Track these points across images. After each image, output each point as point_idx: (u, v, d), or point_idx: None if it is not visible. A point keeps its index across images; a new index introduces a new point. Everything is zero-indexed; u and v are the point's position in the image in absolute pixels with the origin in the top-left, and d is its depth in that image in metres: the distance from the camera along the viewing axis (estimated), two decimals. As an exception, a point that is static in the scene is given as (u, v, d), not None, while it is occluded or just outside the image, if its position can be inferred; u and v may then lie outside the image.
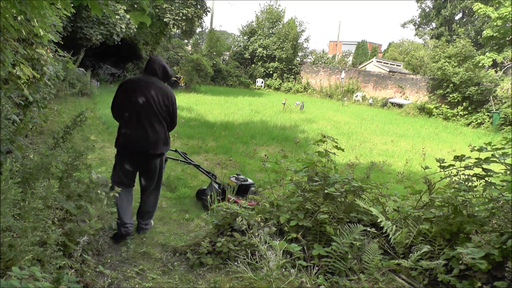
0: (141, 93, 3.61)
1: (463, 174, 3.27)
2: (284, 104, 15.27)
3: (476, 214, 3.03)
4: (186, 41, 27.30)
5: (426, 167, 3.54)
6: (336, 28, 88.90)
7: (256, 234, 3.20)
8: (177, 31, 22.17)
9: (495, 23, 18.35)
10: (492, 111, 16.73)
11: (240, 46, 27.59)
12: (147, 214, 3.95)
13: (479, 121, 17.13)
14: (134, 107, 3.60)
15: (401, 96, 21.63)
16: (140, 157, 3.71)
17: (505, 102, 16.35)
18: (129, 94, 3.63)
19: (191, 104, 13.93)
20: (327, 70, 25.27)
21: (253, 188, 4.72)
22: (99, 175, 3.40)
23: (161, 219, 4.27)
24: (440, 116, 18.53)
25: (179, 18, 18.37)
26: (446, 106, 18.57)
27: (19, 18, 3.52)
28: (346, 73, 24.08)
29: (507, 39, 18.97)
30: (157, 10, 17.58)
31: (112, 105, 3.76)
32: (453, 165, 3.30)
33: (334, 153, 3.68)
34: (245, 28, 27.30)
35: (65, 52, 6.38)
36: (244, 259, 2.91)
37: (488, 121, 16.79)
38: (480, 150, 3.20)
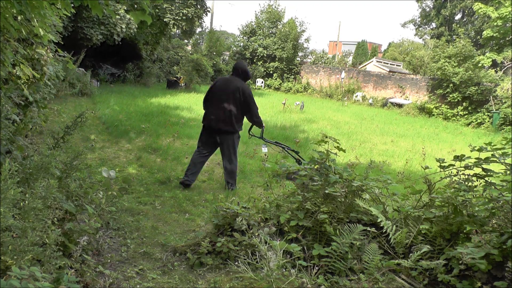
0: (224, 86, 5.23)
1: (463, 174, 3.27)
2: (284, 104, 15.27)
3: (476, 214, 3.03)
4: (186, 41, 27.29)
5: (426, 167, 3.54)
6: (336, 28, 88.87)
7: (256, 234, 3.20)
8: (177, 31, 22.17)
9: (495, 23, 18.34)
10: (492, 111, 16.73)
11: (240, 46, 27.56)
12: (226, 176, 5.37)
13: (479, 121, 17.13)
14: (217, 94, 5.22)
15: (401, 96, 21.63)
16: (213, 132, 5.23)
17: (505, 102, 16.35)
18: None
19: (191, 104, 13.91)
20: (327, 70, 25.26)
21: None
22: (111, 172, 3.43)
23: (161, 219, 4.27)
24: (440, 116, 18.52)
25: (179, 18, 18.36)
26: (446, 106, 18.56)
27: (19, 18, 3.52)
28: (346, 73, 24.07)
29: (507, 39, 18.97)
30: (157, 10, 17.58)
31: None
32: (453, 165, 3.30)
33: (335, 154, 3.68)
34: (245, 28, 27.30)
35: (65, 52, 6.37)
36: (244, 259, 2.91)
37: (488, 121, 16.79)
38: (480, 150, 3.20)
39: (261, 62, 26.38)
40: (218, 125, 5.12)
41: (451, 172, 3.35)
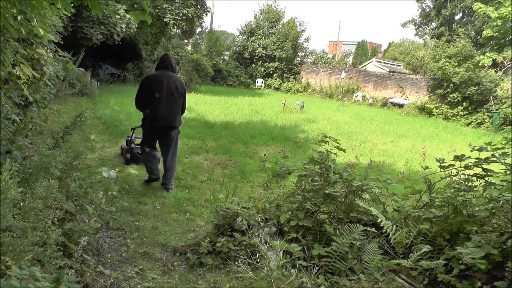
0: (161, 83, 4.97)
1: (463, 174, 3.27)
2: (284, 104, 15.27)
3: (476, 214, 3.04)
4: (186, 41, 27.29)
5: (426, 167, 3.54)
6: (336, 28, 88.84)
7: (256, 234, 3.20)
8: (177, 31, 22.17)
9: (495, 23, 18.35)
10: (492, 111, 16.73)
11: (240, 46, 27.58)
12: (170, 171, 5.17)
13: (479, 121, 17.13)
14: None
15: (401, 96, 21.63)
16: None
17: (505, 102, 16.35)
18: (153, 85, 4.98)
19: (191, 104, 13.92)
20: (327, 70, 25.26)
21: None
22: (111, 172, 3.44)
23: (161, 219, 4.27)
24: (440, 116, 18.53)
25: (179, 18, 18.37)
26: (446, 106, 18.57)
27: (19, 18, 3.52)
28: (346, 73, 24.07)
29: (507, 39, 18.97)
30: (157, 10, 17.58)
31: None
32: (453, 165, 3.30)
33: (335, 154, 3.68)
34: (244, 28, 27.30)
35: (65, 52, 6.37)
36: (244, 259, 2.91)
37: (488, 121, 16.79)
38: (480, 150, 3.20)
39: (260, 62, 26.38)
40: (171, 123, 5.03)
41: (451, 172, 3.35)
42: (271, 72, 26.20)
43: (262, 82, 26.02)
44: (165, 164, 5.17)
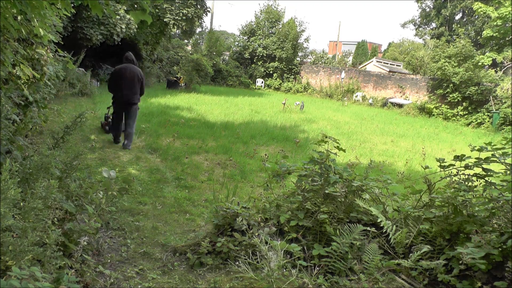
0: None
1: (463, 174, 3.27)
2: (284, 104, 15.27)
3: (476, 214, 3.04)
4: (186, 41, 27.30)
5: (426, 167, 3.55)
6: (336, 28, 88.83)
7: (256, 234, 3.20)
8: (177, 31, 22.18)
9: (495, 23, 18.36)
10: (492, 111, 16.73)
11: (240, 46, 27.57)
12: (129, 136, 7.18)
13: (479, 121, 17.14)
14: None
15: (401, 96, 21.63)
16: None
17: (505, 102, 16.36)
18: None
19: (191, 104, 13.93)
20: (327, 70, 25.26)
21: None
22: (111, 172, 3.45)
23: (161, 219, 4.27)
24: (440, 116, 18.53)
25: (179, 18, 18.37)
26: (446, 106, 18.57)
27: (19, 18, 3.52)
28: (346, 73, 24.07)
29: (507, 39, 18.98)
30: (157, 10, 17.58)
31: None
32: (453, 165, 3.30)
33: (335, 154, 3.68)
34: (244, 28, 27.31)
35: (65, 52, 6.39)
36: (244, 259, 2.91)
37: (488, 121, 16.80)
38: (480, 150, 3.20)
39: (260, 62, 26.38)
40: (131, 100, 7.08)
41: (451, 172, 3.35)
42: (271, 72, 26.20)
43: (262, 82, 26.01)
44: (125, 130, 7.15)
